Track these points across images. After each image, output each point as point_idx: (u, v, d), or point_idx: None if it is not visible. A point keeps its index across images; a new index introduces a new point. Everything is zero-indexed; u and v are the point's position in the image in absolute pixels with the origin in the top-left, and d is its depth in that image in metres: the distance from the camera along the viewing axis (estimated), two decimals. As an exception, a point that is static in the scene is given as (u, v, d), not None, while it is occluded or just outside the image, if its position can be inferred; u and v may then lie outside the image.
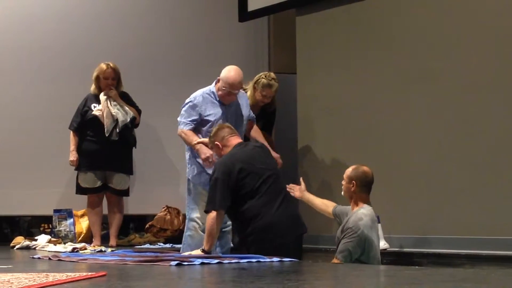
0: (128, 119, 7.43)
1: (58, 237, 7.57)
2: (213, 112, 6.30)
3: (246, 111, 6.56)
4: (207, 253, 5.38)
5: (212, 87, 6.37)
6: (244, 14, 8.42)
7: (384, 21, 7.30)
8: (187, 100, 6.41)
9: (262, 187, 5.41)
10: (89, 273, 3.95)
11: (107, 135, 7.30)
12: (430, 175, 6.75)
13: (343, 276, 4.18)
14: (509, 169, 6.25)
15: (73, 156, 7.44)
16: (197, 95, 6.39)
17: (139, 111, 7.62)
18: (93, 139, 7.43)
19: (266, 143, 6.55)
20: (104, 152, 7.39)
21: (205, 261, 4.76)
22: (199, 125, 6.31)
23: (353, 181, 5.75)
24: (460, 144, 6.58)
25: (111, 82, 7.44)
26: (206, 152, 6.11)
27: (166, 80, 8.46)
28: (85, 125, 7.45)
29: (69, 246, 6.80)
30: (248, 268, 4.46)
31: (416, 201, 6.77)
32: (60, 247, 6.82)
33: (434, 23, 6.90)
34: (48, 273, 3.94)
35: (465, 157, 6.54)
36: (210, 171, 5.92)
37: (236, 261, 4.82)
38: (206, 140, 6.10)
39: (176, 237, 7.85)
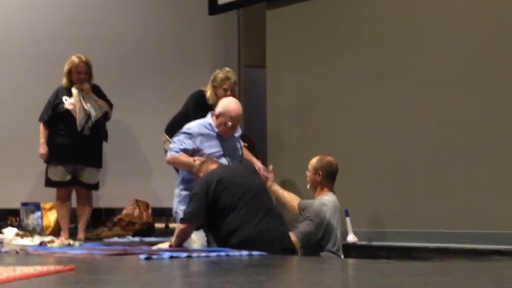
0: (101, 114, 7.39)
1: (26, 231, 7.49)
2: (210, 144, 6.12)
3: (238, 140, 6.47)
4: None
5: (208, 120, 6.20)
6: (215, 7, 8.41)
7: (355, 15, 7.34)
8: (182, 130, 6.21)
9: (241, 201, 5.28)
10: (57, 267, 3.91)
11: (79, 130, 7.25)
12: (399, 169, 6.79)
13: (312, 269, 4.19)
14: (478, 163, 6.30)
15: (43, 149, 7.36)
16: (193, 126, 6.20)
17: (110, 105, 7.57)
18: (64, 132, 7.36)
19: (254, 160, 6.55)
20: (75, 146, 7.33)
21: (174, 254, 4.74)
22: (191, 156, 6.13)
23: (319, 171, 5.94)
24: (429, 138, 6.62)
25: (83, 76, 7.39)
26: (200, 159, 5.97)
27: (137, 74, 8.42)
28: (56, 118, 7.36)
29: (36, 240, 6.75)
30: (217, 262, 4.45)
31: (385, 195, 6.82)
32: (27, 241, 6.77)
33: (404, 17, 6.94)
34: (15, 267, 3.90)
35: (434, 151, 6.59)
36: None
37: (205, 254, 4.81)
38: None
39: (144, 230, 7.85)
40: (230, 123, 6.06)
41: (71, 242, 6.60)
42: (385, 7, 7.07)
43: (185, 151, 6.08)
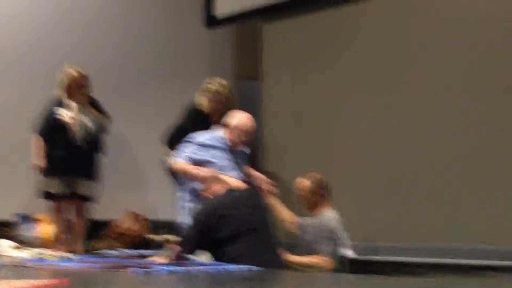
0: (97, 126, 7.41)
1: (21, 242, 7.48)
2: (221, 157, 6.08)
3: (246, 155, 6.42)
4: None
5: (220, 133, 6.18)
6: (212, 20, 8.44)
7: (350, 29, 7.37)
8: (194, 140, 6.18)
9: (242, 234, 5.21)
10: (52, 280, 3.91)
11: (79, 144, 7.27)
12: (393, 183, 6.81)
13: (308, 284, 4.20)
14: (473, 177, 6.32)
15: (39, 161, 7.37)
16: (206, 137, 6.18)
17: (107, 117, 7.59)
18: (61, 145, 7.37)
19: (257, 174, 6.41)
20: (72, 159, 7.34)
21: (172, 269, 4.74)
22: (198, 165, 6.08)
23: (314, 190, 5.89)
24: (423, 151, 6.65)
25: (82, 89, 7.41)
26: (207, 170, 5.93)
27: (133, 86, 8.46)
28: (53, 130, 7.38)
29: (33, 252, 6.74)
30: (215, 276, 4.45)
31: (378, 208, 6.83)
32: (23, 253, 6.75)
33: (399, 30, 6.98)
34: (10, 280, 3.90)
35: (428, 164, 6.62)
36: None
37: (204, 269, 4.81)
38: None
39: (140, 242, 7.84)
40: (244, 138, 6.09)
41: (68, 255, 6.59)
42: (381, 20, 7.12)
43: (192, 160, 6.05)
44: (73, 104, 7.39)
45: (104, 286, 3.94)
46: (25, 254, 6.64)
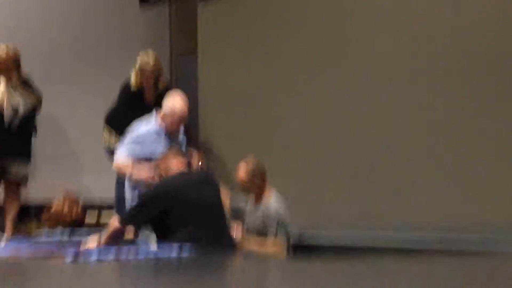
0: (29, 107, 7.22)
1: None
2: (158, 147, 6.02)
3: (181, 138, 6.43)
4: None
5: (153, 123, 6.17)
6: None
7: (285, 8, 7.31)
8: (129, 137, 6.17)
9: (192, 219, 5.21)
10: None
11: (7, 125, 7.08)
12: (337, 162, 6.79)
13: (239, 269, 4.17)
14: (417, 157, 6.34)
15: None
16: (142, 132, 6.16)
17: (39, 96, 7.39)
18: (-10, 125, 7.18)
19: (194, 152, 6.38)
20: (3, 139, 7.15)
21: (102, 256, 4.64)
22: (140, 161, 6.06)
23: (254, 175, 5.84)
24: (373, 129, 6.63)
25: (11, 67, 7.19)
26: (145, 168, 5.93)
27: (68, 66, 8.23)
28: (-18, 110, 7.19)
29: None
30: (143, 266, 4.39)
31: (326, 189, 6.80)
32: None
33: (346, 5, 6.95)
34: None
35: (372, 145, 6.60)
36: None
37: (133, 256, 4.73)
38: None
39: (73, 225, 7.70)
40: (179, 122, 6.11)
41: (-2, 239, 6.46)
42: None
43: (133, 156, 6.05)
44: (3, 83, 7.18)
45: (30, 279, 3.84)
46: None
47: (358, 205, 6.58)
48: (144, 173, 5.93)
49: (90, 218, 8.01)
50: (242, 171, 5.93)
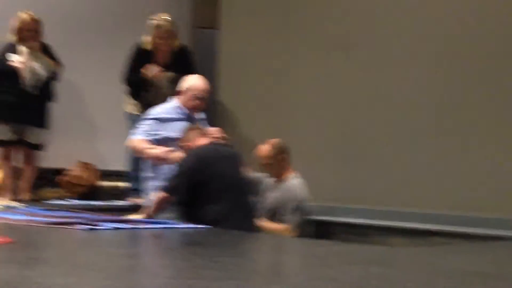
0: (48, 73, 7.26)
1: (-32, 189, 7.39)
2: (180, 127, 5.81)
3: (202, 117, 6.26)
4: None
5: (174, 103, 6.04)
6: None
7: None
8: (149, 115, 6.05)
9: (224, 195, 5.16)
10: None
11: (27, 90, 7.12)
12: (344, 143, 6.81)
13: (253, 249, 4.19)
14: (426, 142, 6.34)
15: (-13, 106, 7.23)
16: (162, 110, 6.04)
17: (60, 64, 7.44)
18: (9, 90, 7.22)
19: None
20: (20, 105, 7.21)
21: (119, 225, 4.68)
22: (160, 143, 5.92)
23: (280, 156, 5.81)
24: (376, 115, 6.64)
25: (33, 34, 7.24)
26: (162, 149, 5.80)
27: (86, 33, 8.27)
28: (2, 75, 7.23)
29: (-21, 200, 6.66)
30: (160, 238, 4.42)
31: (330, 170, 6.83)
32: (-31, 200, 6.66)
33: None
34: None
35: (380, 125, 6.61)
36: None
37: (151, 227, 4.77)
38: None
39: (88, 193, 7.77)
40: (197, 95, 5.94)
41: (14, 204, 6.51)
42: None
43: (153, 136, 5.90)
44: (24, 49, 7.22)
45: (45, 248, 3.88)
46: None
47: (373, 183, 6.60)
48: (157, 153, 5.80)
49: (106, 184, 8.09)
50: (266, 148, 5.89)
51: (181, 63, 7.26)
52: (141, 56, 7.21)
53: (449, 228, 5.72)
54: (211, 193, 5.14)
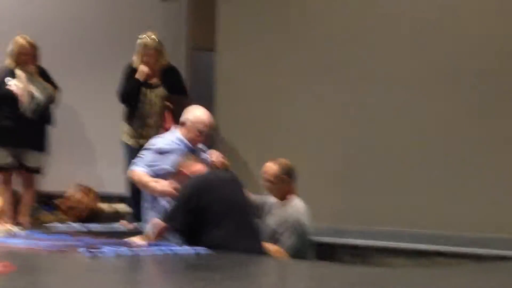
0: (46, 97, 7.27)
1: (-33, 214, 7.36)
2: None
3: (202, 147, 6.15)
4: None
5: (177, 135, 5.91)
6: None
7: (306, 6, 7.31)
8: (150, 145, 5.92)
9: (226, 218, 5.10)
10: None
11: (25, 114, 7.13)
12: (346, 164, 6.80)
13: (257, 273, 4.19)
14: (426, 161, 6.34)
15: (-14, 131, 7.23)
16: (165, 142, 5.89)
17: (56, 88, 7.45)
18: (7, 115, 7.20)
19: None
20: (18, 129, 7.18)
21: (120, 251, 4.66)
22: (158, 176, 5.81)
23: (284, 177, 5.75)
24: (378, 133, 6.64)
25: (29, 58, 7.25)
26: (165, 183, 5.66)
27: (84, 56, 8.27)
28: (1, 100, 7.22)
29: (-22, 225, 6.64)
30: (161, 263, 4.41)
31: (332, 191, 6.82)
32: (-31, 226, 6.64)
33: (355, 11, 6.95)
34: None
35: (381, 147, 6.61)
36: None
37: (151, 251, 4.76)
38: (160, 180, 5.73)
39: (87, 216, 7.76)
40: (202, 130, 5.82)
41: (14, 229, 6.49)
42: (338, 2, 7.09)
43: (152, 167, 5.79)
44: (21, 74, 7.23)
45: (48, 273, 3.88)
46: (-29, 226, 6.54)
47: (374, 204, 6.59)
48: (161, 187, 5.68)
49: (106, 207, 8.08)
50: (273, 167, 5.82)
51: (169, 81, 7.32)
52: (133, 74, 7.26)
53: (453, 248, 5.70)
54: (213, 219, 5.09)
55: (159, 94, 7.26)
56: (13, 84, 7.19)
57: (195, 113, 5.90)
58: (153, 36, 7.28)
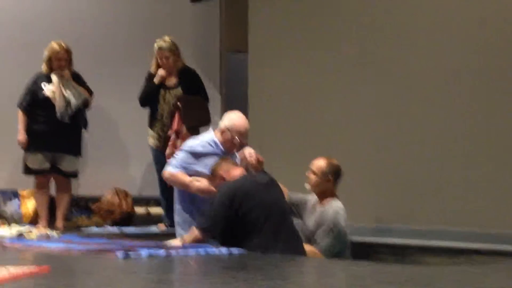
0: (80, 101, 7.33)
1: (3, 218, 7.44)
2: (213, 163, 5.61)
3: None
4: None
5: (212, 137, 5.81)
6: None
7: (337, 6, 7.27)
8: (186, 147, 5.84)
9: (267, 222, 4.99)
10: (32, 268, 3.85)
11: (59, 118, 7.19)
12: (383, 164, 6.75)
13: (293, 273, 4.17)
14: (464, 159, 6.28)
15: (22, 136, 7.28)
16: (200, 143, 5.78)
17: (90, 92, 7.51)
18: (43, 119, 7.29)
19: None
20: (54, 133, 7.26)
21: (153, 252, 4.67)
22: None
23: (329, 176, 5.71)
24: (415, 132, 6.58)
25: (63, 63, 7.33)
26: (205, 181, 5.60)
27: (117, 60, 8.33)
28: (35, 104, 7.30)
29: (14, 228, 6.69)
30: (197, 263, 4.40)
31: (364, 190, 6.76)
32: (5, 230, 6.69)
33: (385, 11, 6.90)
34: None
35: (416, 145, 6.56)
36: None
37: (184, 252, 4.75)
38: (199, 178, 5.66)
39: (123, 219, 7.80)
40: (237, 140, 5.73)
41: (49, 232, 6.53)
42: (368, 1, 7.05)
43: (187, 169, 5.72)
44: (56, 78, 7.29)
45: (83, 275, 3.88)
46: (5, 231, 6.59)
47: (411, 203, 6.53)
48: (203, 184, 5.62)
49: (140, 207, 8.12)
50: (320, 163, 5.79)
51: (186, 82, 7.40)
52: (151, 78, 7.42)
53: (490, 246, 5.64)
54: (252, 226, 5.00)
55: (176, 96, 7.33)
56: (48, 89, 7.26)
57: (233, 121, 5.78)
58: (167, 39, 7.37)
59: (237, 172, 5.31)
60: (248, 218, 5.00)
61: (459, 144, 6.30)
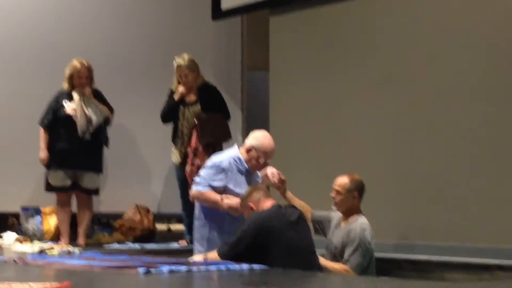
0: (102, 119, 7.37)
1: (26, 235, 7.46)
2: (237, 181, 5.63)
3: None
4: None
5: (237, 153, 5.70)
6: (218, 12, 8.35)
7: (356, 25, 7.27)
8: (211, 163, 5.71)
9: (289, 261, 4.88)
10: (54, 284, 3.85)
11: (80, 135, 7.23)
12: (405, 179, 6.71)
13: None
14: (485, 175, 6.22)
15: (43, 154, 7.34)
16: (224, 160, 5.66)
17: (111, 110, 7.54)
18: (64, 137, 7.35)
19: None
20: (75, 151, 7.31)
21: (174, 268, 4.67)
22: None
23: (354, 193, 5.67)
24: (437, 147, 6.54)
25: (85, 81, 7.37)
26: (235, 199, 5.51)
27: (138, 78, 8.36)
28: (57, 122, 7.36)
29: (36, 245, 6.70)
30: (218, 279, 4.39)
31: (386, 206, 6.72)
32: (27, 247, 6.71)
33: (404, 28, 6.89)
34: (11, 283, 3.83)
35: (438, 160, 6.51)
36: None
37: (205, 268, 4.74)
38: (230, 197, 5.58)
39: (145, 236, 7.80)
40: (263, 160, 5.67)
41: (71, 249, 6.54)
42: (385, 16, 7.02)
43: (215, 188, 5.61)
44: (77, 96, 7.33)
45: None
46: (30, 247, 6.61)
47: (434, 219, 6.49)
48: (234, 201, 5.52)
49: (161, 224, 8.13)
50: (343, 181, 5.74)
51: (205, 99, 7.43)
52: (172, 95, 7.50)
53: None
54: (273, 261, 4.88)
55: (195, 112, 7.38)
56: (69, 106, 7.30)
57: (261, 141, 5.69)
58: (186, 57, 7.41)
59: (267, 204, 5.20)
60: (269, 253, 4.92)
61: (486, 162, 6.24)
